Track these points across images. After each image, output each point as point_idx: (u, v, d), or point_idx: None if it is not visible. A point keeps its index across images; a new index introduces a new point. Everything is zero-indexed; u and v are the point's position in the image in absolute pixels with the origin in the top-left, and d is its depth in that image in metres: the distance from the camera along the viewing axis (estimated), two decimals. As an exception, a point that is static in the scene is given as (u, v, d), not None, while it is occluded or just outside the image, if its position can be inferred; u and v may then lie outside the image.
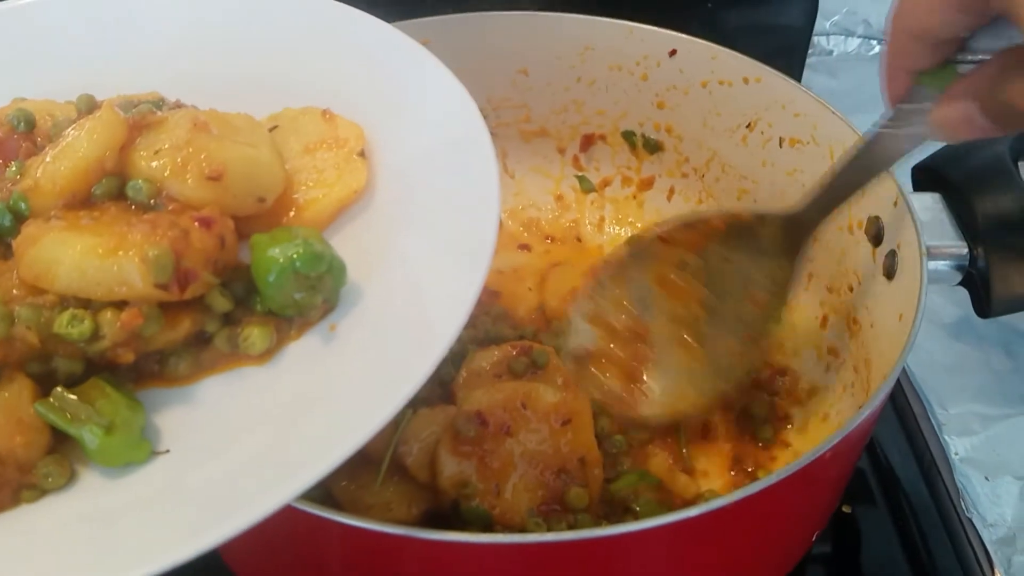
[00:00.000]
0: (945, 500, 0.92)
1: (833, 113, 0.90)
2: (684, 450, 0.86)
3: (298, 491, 0.51)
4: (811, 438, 0.88)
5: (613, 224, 1.10)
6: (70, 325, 0.57)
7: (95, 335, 0.57)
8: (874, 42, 1.45)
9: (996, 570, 0.85)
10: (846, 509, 0.91)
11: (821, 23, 1.38)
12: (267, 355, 0.61)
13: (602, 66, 1.03)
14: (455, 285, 0.59)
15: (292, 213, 0.67)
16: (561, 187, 1.11)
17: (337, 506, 0.72)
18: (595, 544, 0.59)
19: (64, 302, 0.58)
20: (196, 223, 0.60)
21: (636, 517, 0.78)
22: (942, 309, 1.08)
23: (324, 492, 0.72)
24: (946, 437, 0.95)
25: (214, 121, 0.65)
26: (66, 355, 0.59)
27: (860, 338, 0.87)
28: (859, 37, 1.46)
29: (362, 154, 0.69)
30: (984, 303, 0.81)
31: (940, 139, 0.68)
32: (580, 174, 1.11)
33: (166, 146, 0.62)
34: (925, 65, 0.63)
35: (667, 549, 0.65)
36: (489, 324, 0.93)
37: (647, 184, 1.09)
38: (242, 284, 0.63)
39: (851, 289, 0.89)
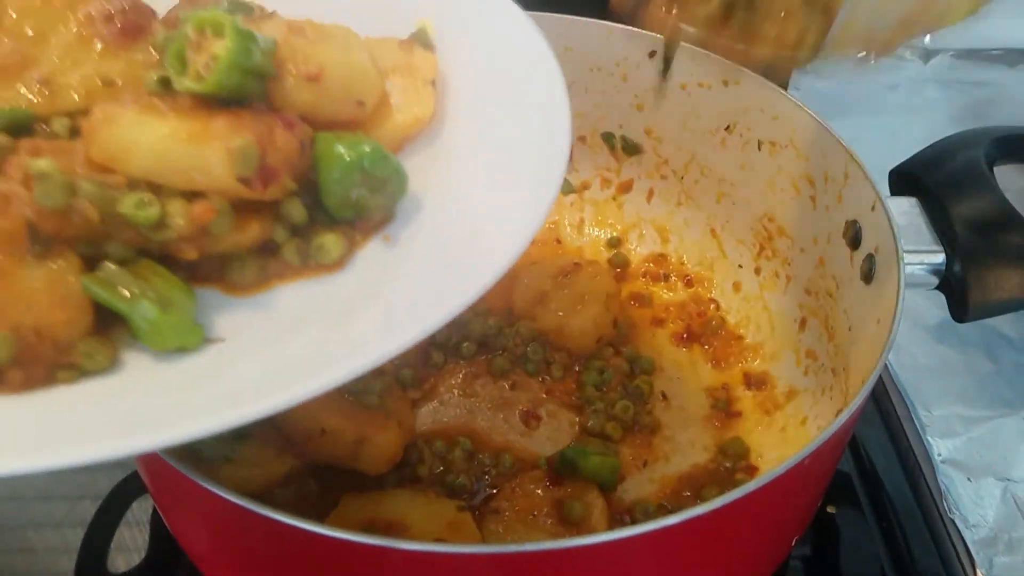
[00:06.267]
0: (928, 501, 0.92)
1: (812, 116, 0.90)
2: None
3: (338, 380, 0.50)
4: (790, 442, 0.88)
5: (593, 226, 1.10)
6: (137, 208, 0.54)
7: (161, 222, 0.55)
8: (861, 44, 1.46)
9: (978, 571, 0.85)
10: (830, 509, 0.92)
11: (809, 24, 1.39)
12: (340, 263, 0.61)
13: (582, 67, 1.02)
14: (515, 215, 0.59)
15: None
16: (541, 189, 1.11)
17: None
18: (572, 553, 0.59)
19: (133, 185, 0.56)
20: (280, 122, 0.58)
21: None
22: (926, 311, 1.08)
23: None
24: (929, 438, 0.95)
25: (309, 28, 0.64)
26: (123, 240, 0.56)
27: (838, 341, 0.87)
28: (846, 38, 1.47)
29: (433, 84, 0.69)
30: (961, 308, 0.81)
31: None
32: (560, 176, 1.10)
33: None
34: None
35: (645, 557, 0.64)
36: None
37: (626, 187, 1.09)
38: (310, 197, 0.62)
39: (830, 293, 0.90)
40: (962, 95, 1.43)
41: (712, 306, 1.03)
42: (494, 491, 0.83)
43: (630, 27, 0.99)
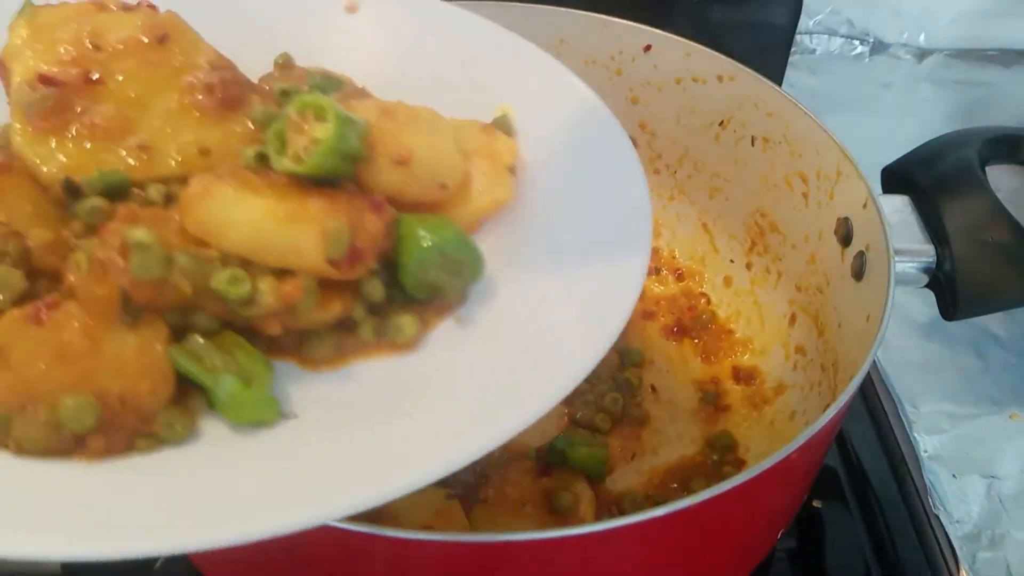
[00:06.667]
0: (913, 496, 0.92)
1: (805, 113, 0.90)
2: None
3: (400, 492, 0.50)
4: (778, 436, 0.89)
5: (586, 219, 1.10)
6: (230, 284, 0.55)
7: (251, 299, 0.56)
8: (856, 42, 1.46)
9: (961, 566, 0.85)
10: (816, 504, 0.92)
11: (805, 21, 1.38)
12: (413, 343, 0.61)
13: (576, 60, 1.02)
14: (591, 322, 0.59)
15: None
16: (534, 182, 1.11)
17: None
18: (560, 543, 0.59)
19: (225, 260, 0.56)
20: (368, 205, 0.59)
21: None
22: (915, 309, 1.08)
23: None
24: (916, 435, 0.96)
25: (400, 110, 0.65)
26: (210, 312, 0.57)
27: (828, 337, 0.87)
28: (842, 37, 1.46)
29: (512, 170, 0.70)
30: (950, 306, 0.82)
31: None
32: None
33: None
34: None
35: (631, 547, 0.65)
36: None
37: (620, 180, 1.08)
38: (388, 275, 0.62)
39: (820, 289, 0.90)
40: (956, 94, 1.42)
41: (703, 300, 1.03)
42: (483, 480, 0.83)
43: (626, 21, 0.99)
